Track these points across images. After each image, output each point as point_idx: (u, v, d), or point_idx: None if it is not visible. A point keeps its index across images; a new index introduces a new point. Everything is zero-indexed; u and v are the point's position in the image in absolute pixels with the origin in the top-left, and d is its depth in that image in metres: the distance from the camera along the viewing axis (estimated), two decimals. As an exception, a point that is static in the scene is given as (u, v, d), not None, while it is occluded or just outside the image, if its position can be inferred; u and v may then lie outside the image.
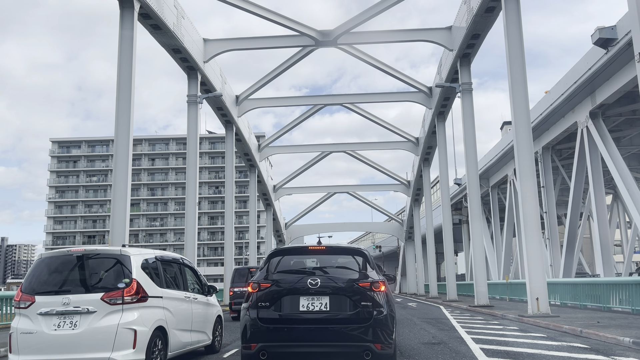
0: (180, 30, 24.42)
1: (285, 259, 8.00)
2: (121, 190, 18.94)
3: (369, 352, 7.12)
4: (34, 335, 7.40)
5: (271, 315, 7.33)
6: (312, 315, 7.23)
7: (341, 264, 7.94)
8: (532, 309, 17.40)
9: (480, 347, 10.49)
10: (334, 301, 7.28)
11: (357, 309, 7.27)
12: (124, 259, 7.95)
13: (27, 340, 7.41)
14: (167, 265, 9.22)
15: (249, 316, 7.43)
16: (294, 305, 7.32)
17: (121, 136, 19.28)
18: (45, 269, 7.96)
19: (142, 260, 8.25)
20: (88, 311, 7.43)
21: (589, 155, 30.19)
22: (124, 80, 19.53)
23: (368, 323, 7.19)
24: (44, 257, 8.14)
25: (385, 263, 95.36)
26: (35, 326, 7.45)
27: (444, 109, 34.11)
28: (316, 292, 7.30)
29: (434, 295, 41.15)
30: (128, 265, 7.87)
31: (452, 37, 27.24)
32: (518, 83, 18.87)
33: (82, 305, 7.45)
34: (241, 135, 37.40)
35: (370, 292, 7.37)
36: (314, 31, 27.56)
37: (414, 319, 18.62)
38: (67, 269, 7.97)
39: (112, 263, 7.95)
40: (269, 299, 7.40)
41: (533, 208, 18.23)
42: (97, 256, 8.14)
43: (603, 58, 25.12)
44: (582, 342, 11.29)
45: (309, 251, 8.23)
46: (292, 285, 7.42)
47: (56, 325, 7.41)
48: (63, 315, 7.43)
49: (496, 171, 46.68)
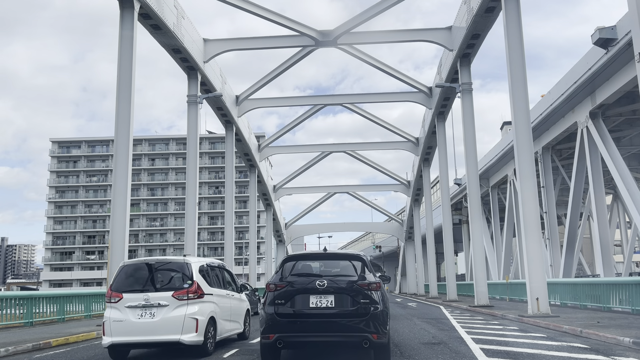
0: (180, 30, 24.41)
1: (297, 264, 9.17)
2: (121, 191, 18.95)
3: (367, 341, 8.32)
4: (123, 323, 9.91)
5: (286, 310, 8.52)
6: (320, 310, 8.45)
7: (343, 267, 9.09)
8: (532, 309, 17.39)
9: (481, 347, 10.50)
10: (338, 299, 8.48)
11: (357, 306, 8.42)
12: (187, 265, 10.52)
13: (117, 326, 9.92)
14: (213, 269, 11.68)
15: (268, 311, 8.63)
16: (305, 302, 8.52)
17: (121, 136, 19.30)
18: (126, 273, 10.47)
19: (199, 266, 10.80)
20: (162, 305, 9.97)
21: (589, 155, 30.18)
22: (124, 80, 19.55)
23: (366, 317, 8.36)
24: (125, 265, 10.70)
25: (385, 263, 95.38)
26: (123, 316, 9.96)
27: (444, 109, 34.11)
28: (323, 292, 8.50)
29: (434, 295, 41.14)
30: (190, 271, 10.43)
31: (452, 37, 27.23)
32: (518, 82, 18.88)
33: (158, 300, 9.99)
34: (241, 135, 37.39)
35: (367, 291, 8.54)
36: (314, 31, 27.55)
37: (413, 318, 18.62)
38: (145, 273, 10.56)
39: (178, 269, 10.52)
40: (284, 297, 8.60)
41: (533, 208, 18.23)
42: (167, 264, 10.79)
43: (603, 58, 25.11)
44: (582, 342, 11.29)
45: (316, 257, 9.41)
46: (303, 286, 8.62)
47: (139, 315, 9.94)
48: (144, 308, 9.97)
49: (496, 171, 46.68)
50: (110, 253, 18.63)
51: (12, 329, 16.82)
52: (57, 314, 19.90)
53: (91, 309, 21.94)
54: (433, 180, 54.11)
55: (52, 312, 19.77)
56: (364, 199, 60.20)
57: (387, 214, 65.60)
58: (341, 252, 9.70)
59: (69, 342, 13.62)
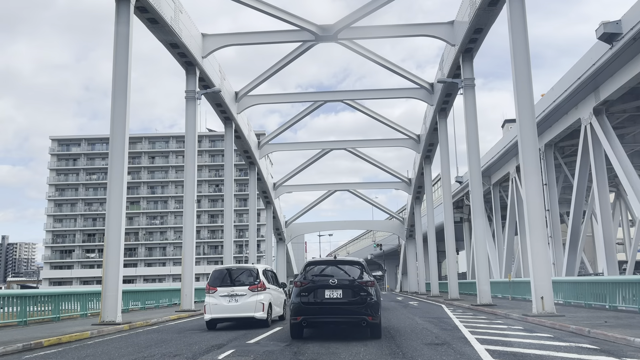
0: (178, 24, 24.01)
1: (315, 268, 12.55)
2: (117, 190, 18.61)
3: (365, 321, 11.79)
4: (217, 305, 15.78)
5: (309, 300, 11.98)
6: (332, 300, 11.88)
7: (347, 270, 12.39)
8: (537, 308, 17.00)
9: (486, 347, 10.13)
10: (344, 292, 11.91)
11: (357, 297, 11.84)
12: (256, 269, 16.57)
13: (214, 307, 15.80)
14: (268, 272, 17.66)
15: (295, 301, 12.08)
16: (321, 294, 11.95)
17: (117, 134, 18.94)
18: (217, 275, 16.39)
19: (262, 269, 16.88)
20: (242, 294, 15.78)
21: (593, 152, 29.75)
22: (120, 75, 19.20)
23: (364, 304, 11.76)
24: (216, 269, 16.73)
25: (386, 261, 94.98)
26: (217, 301, 15.81)
27: (445, 106, 33.67)
28: (334, 287, 11.95)
29: (436, 294, 40.76)
30: (257, 273, 16.38)
31: (455, 31, 26.81)
32: (522, 76, 18.47)
33: (239, 292, 15.84)
34: (240, 132, 36.99)
35: (365, 287, 11.95)
36: (314, 26, 27.13)
37: (415, 318, 18.25)
38: (229, 274, 16.50)
39: (250, 271, 16.47)
40: (307, 291, 12.06)
41: (538, 205, 17.82)
42: (242, 268, 16.97)
43: (607, 53, 24.65)
44: (591, 342, 10.91)
45: (328, 263, 12.73)
46: (320, 283, 12.05)
47: (228, 301, 15.78)
48: (231, 296, 15.81)
49: (498, 169, 46.26)
50: (106, 252, 18.26)
51: (5, 328, 16.46)
52: (53, 312, 19.55)
53: (87, 307, 21.58)
54: (434, 178, 53.61)
55: (47, 311, 19.42)
56: (364, 197, 59.75)
57: (388, 211, 65.11)
58: (346, 259, 12.96)
59: (61, 342, 13.25)
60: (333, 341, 11.76)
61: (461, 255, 74.82)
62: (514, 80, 18.63)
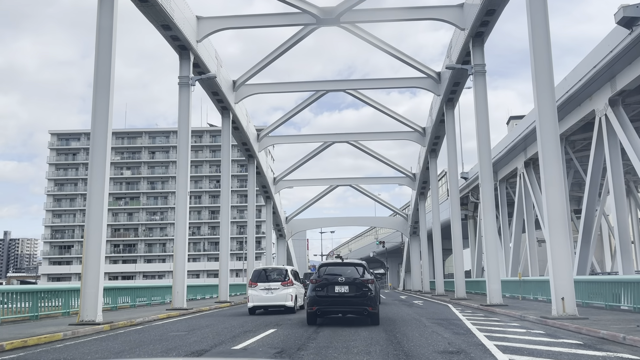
0: (170, 4, 22.52)
1: (327, 268, 15.50)
2: (98, 179, 17.11)
3: (366, 311, 14.52)
4: (257, 296, 20.42)
5: (322, 294, 14.70)
6: (340, 294, 14.58)
7: (352, 270, 15.18)
8: (557, 310, 15.48)
9: (510, 358, 8.63)
10: (350, 288, 14.60)
11: (360, 292, 14.58)
12: (285, 269, 21.64)
13: (255, 298, 20.44)
14: (294, 271, 22.73)
15: (311, 295, 14.85)
16: (332, 289, 14.65)
17: (98, 126, 17.40)
18: (256, 273, 21.36)
19: (290, 269, 21.91)
20: (275, 288, 20.46)
21: (608, 145, 28.18)
22: (103, 72, 17.71)
23: (365, 298, 14.51)
24: (257, 269, 21.92)
25: (389, 259, 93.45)
26: (257, 293, 20.44)
27: (452, 96, 32.13)
28: (342, 283, 14.65)
29: (441, 292, 39.18)
30: (287, 272, 21.32)
31: (464, 14, 25.28)
32: (541, 56, 16.86)
33: (273, 286, 20.52)
34: (238, 123, 35.51)
35: (366, 284, 14.70)
36: (316, 8, 25.62)
37: (422, 319, 16.76)
38: (265, 272, 21.41)
39: (281, 271, 21.52)
40: (321, 286, 14.81)
41: (559, 197, 16.25)
42: (275, 268, 22.15)
43: (626, 39, 23.12)
44: (631, 352, 9.37)
45: (337, 264, 15.95)
46: (331, 280, 14.78)
47: (265, 293, 20.43)
48: (267, 289, 20.45)
49: (505, 164, 44.72)
50: (85, 246, 16.79)
51: (-26, 328, 15.01)
52: (30, 310, 18.10)
53: (70, 305, 20.13)
54: (440, 174, 52.07)
55: (23, 309, 17.97)
56: (367, 192, 58.18)
57: (392, 208, 63.44)
58: (351, 262, 16.15)
59: (27, 344, 11.79)
60: (333, 343, 10.33)
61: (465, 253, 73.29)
62: (532, 61, 17.03)
